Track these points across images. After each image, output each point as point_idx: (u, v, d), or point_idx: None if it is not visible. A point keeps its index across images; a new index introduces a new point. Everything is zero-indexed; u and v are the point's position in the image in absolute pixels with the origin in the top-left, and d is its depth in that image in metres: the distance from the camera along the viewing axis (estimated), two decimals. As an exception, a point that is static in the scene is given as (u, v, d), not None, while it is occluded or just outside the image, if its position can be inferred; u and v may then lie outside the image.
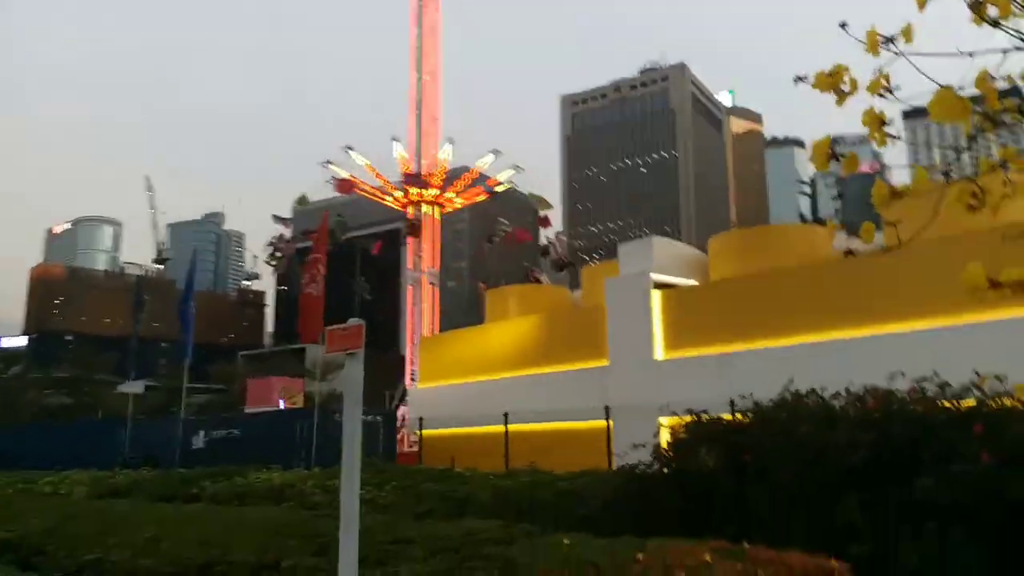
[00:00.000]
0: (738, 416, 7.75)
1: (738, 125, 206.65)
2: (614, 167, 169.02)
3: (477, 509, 9.25)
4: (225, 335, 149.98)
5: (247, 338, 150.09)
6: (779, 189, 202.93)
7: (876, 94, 2.19)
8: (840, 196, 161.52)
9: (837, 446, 6.41)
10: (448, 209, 44.72)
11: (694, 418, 8.00)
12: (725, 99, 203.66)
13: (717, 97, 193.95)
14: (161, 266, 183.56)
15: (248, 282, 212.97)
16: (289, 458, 19.20)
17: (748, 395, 7.78)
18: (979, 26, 2.13)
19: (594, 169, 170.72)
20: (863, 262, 15.60)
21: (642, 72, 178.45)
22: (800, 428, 6.90)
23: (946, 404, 6.50)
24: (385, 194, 43.17)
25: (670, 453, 7.97)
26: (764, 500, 6.82)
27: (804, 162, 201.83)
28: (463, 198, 44.81)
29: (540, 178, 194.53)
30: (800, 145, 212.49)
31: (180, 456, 22.16)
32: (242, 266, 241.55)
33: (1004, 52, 2.08)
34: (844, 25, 2.21)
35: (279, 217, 48.16)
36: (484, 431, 20.83)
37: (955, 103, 2.07)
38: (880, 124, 2.23)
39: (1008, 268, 2.20)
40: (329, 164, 42.37)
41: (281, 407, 33.11)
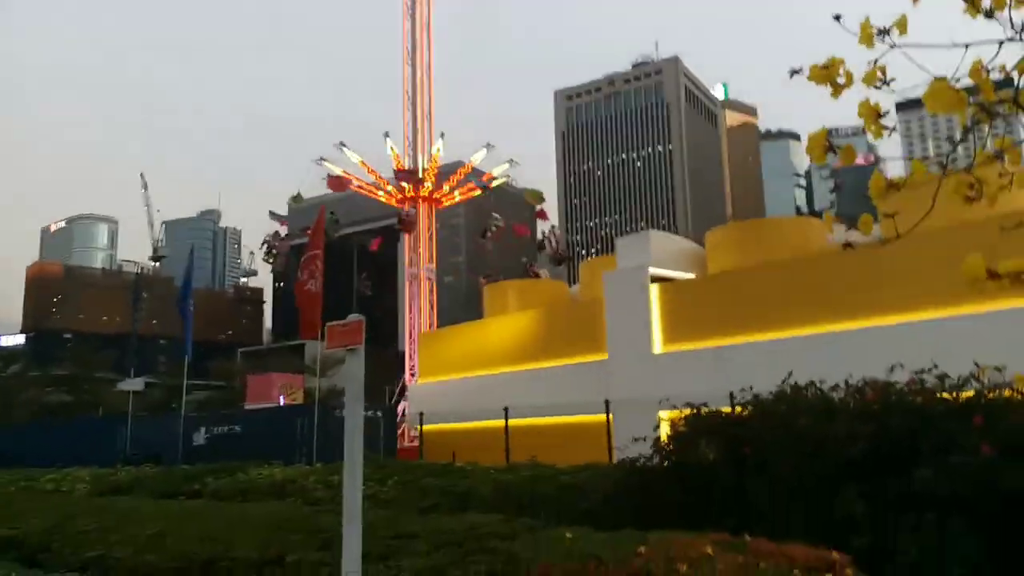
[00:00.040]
0: (737, 409, 7.76)
1: (733, 118, 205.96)
2: (609, 162, 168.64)
3: (479, 503, 9.28)
4: (223, 332, 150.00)
5: (245, 335, 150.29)
6: (774, 182, 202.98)
7: (872, 86, 2.20)
8: (837, 188, 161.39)
9: (836, 438, 6.42)
10: (445, 204, 44.58)
11: (693, 411, 8.01)
12: (719, 92, 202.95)
13: (711, 90, 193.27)
14: (157, 263, 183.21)
15: (245, 279, 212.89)
16: (290, 454, 19.25)
17: (747, 388, 7.78)
18: (973, 17, 2.14)
19: (589, 164, 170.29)
20: (861, 254, 15.55)
21: (635, 66, 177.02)
22: (799, 420, 6.91)
23: (945, 395, 6.49)
24: (379, 190, 43.05)
25: (670, 446, 7.99)
26: (764, 492, 6.85)
27: (799, 155, 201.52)
28: (457, 193, 44.65)
29: (537, 174, 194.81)
30: (795, 138, 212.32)
31: (182, 453, 22.20)
32: (239, 263, 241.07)
33: (1000, 44, 2.10)
34: (839, 17, 2.23)
35: (276, 214, 48.05)
36: (484, 426, 20.83)
37: (950, 95, 2.08)
38: (876, 116, 2.24)
39: (1006, 259, 2.21)
40: (323, 161, 42.26)
41: (281, 403, 33.11)
